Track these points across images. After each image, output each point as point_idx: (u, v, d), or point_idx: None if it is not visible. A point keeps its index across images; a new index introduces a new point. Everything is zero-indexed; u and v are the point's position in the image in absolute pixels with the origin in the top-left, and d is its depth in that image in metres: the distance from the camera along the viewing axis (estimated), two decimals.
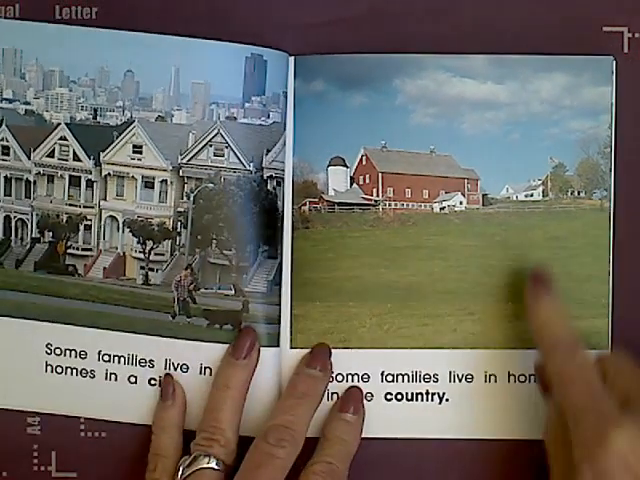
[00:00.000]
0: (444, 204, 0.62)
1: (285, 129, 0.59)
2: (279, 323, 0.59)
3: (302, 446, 0.55)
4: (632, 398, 0.51)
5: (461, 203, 0.62)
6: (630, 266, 0.61)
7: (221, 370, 0.58)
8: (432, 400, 0.60)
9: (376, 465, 0.61)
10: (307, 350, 0.60)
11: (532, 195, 0.61)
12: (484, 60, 0.60)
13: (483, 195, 0.61)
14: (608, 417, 0.48)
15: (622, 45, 0.61)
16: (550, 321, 0.56)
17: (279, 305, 0.60)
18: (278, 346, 0.59)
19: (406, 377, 0.60)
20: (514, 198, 0.61)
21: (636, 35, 0.61)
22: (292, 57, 0.60)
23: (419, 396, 0.60)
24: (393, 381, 0.60)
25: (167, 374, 0.60)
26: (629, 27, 0.61)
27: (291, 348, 0.60)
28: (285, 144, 0.60)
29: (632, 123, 0.61)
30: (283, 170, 0.60)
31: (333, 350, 0.60)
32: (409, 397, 0.60)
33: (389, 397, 0.60)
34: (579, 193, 0.61)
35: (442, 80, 0.60)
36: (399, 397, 0.60)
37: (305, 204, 0.61)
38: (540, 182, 0.61)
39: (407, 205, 0.61)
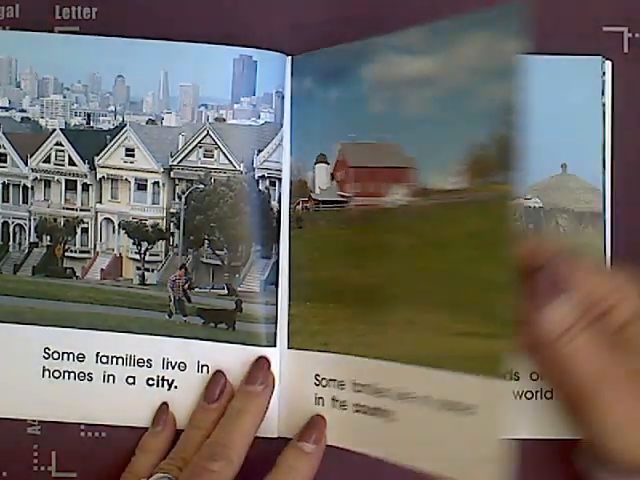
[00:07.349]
0: (394, 197, 0.56)
1: (281, 128, 0.60)
2: (276, 323, 0.59)
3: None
4: None
5: (405, 196, 0.55)
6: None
7: (195, 412, 0.59)
8: (385, 417, 0.54)
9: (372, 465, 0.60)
10: (302, 351, 0.58)
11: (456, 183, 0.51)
12: (421, 32, 0.52)
13: (422, 188, 0.54)
14: None
15: (622, 45, 0.61)
16: None
17: (275, 305, 0.60)
18: (275, 346, 0.59)
19: (367, 388, 0.55)
20: (446, 188, 0.52)
21: (636, 35, 0.61)
22: (289, 57, 0.60)
23: (377, 412, 0.55)
24: (360, 392, 0.56)
25: (164, 403, 0.60)
26: (629, 27, 0.61)
27: (288, 348, 0.59)
28: (280, 144, 0.60)
29: (632, 123, 0.61)
30: (278, 170, 0.60)
31: (316, 352, 0.58)
32: (369, 413, 0.55)
33: (357, 409, 0.56)
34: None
35: (391, 61, 0.55)
36: (364, 410, 0.55)
37: (299, 203, 0.60)
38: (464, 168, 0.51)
39: (369, 200, 0.58)
